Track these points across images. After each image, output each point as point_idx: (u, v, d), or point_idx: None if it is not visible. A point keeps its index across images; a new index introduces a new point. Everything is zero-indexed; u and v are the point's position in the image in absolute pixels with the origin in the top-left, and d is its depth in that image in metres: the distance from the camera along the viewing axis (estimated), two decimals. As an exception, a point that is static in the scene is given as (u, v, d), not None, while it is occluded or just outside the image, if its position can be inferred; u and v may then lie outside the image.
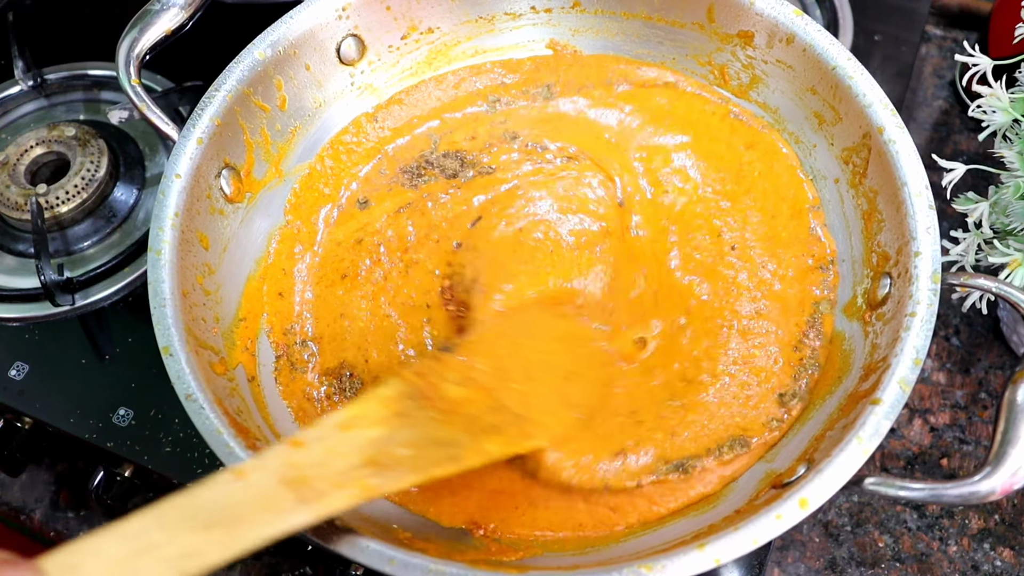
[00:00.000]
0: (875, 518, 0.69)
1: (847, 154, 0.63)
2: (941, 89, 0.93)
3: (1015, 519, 0.69)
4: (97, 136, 0.77)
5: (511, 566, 0.47)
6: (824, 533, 0.69)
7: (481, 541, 0.56)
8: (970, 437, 0.73)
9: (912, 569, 0.68)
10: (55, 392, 0.68)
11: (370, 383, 0.63)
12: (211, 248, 0.61)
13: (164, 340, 0.54)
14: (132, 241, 0.74)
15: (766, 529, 0.46)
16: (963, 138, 0.89)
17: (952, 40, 0.96)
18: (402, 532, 0.54)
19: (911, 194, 0.56)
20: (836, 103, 0.63)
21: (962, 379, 0.76)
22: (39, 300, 0.71)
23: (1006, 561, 0.68)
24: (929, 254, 0.54)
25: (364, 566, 0.46)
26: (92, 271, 0.73)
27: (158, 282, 0.56)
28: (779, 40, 0.65)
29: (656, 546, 0.51)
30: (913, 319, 0.52)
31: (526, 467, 0.57)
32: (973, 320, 0.78)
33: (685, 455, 0.57)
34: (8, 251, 0.75)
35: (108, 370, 0.69)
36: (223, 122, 0.62)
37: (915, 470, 0.72)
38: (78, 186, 0.74)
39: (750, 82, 0.69)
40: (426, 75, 0.74)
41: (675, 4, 0.69)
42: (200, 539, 0.39)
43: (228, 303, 0.62)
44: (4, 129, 0.83)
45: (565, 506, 0.57)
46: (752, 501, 0.52)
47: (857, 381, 0.55)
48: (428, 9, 0.71)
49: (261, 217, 0.67)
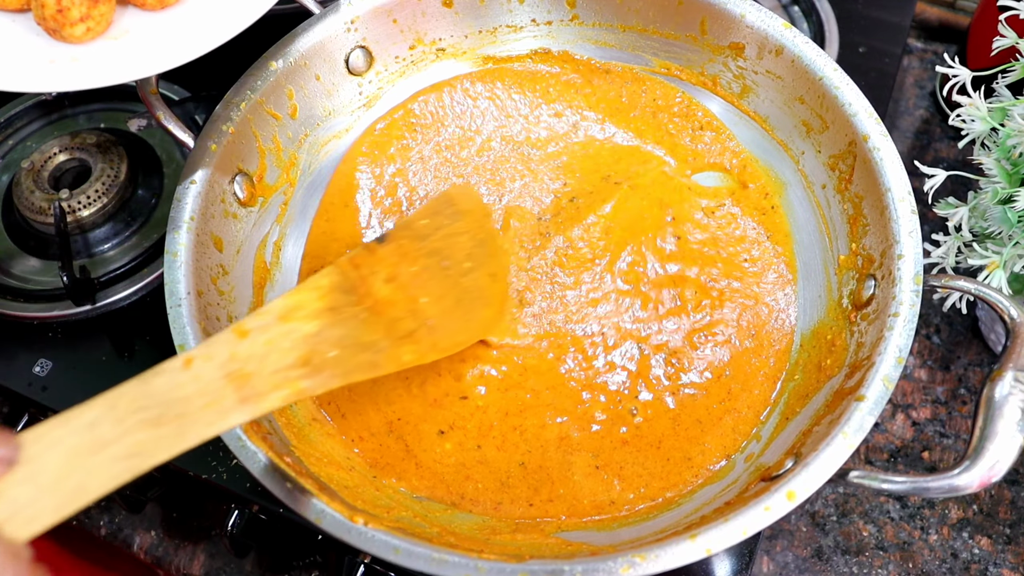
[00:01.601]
0: (859, 508, 0.69)
1: (834, 161, 0.62)
2: (922, 99, 0.92)
3: (992, 509, 0.69)
4: (117, 143, 0.77)
5: (511, 556, 0.47)
6: (811, 523, 0.69)
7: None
8: (950, 431, 0.73)
9: (895, 557, 0.67)
10: (77, 388, 0.68)
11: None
12: (225, 250, 0.61)
13: (180, 338, 0.53)
14: (150, 243, 0.74)
15: (755, 520, 0.46)
16: (943, 146, 0.89)
17: (932, 52, 0.96)
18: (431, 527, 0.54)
19: (895, 199, 0.56)
20: (823, 112, 0.62)
21: (943, 376, 0.75)
22: (62, 300, 0.71)
23: (983, 549, 0.67)
24: (912, 257, 0.54)
25: (370, 554, 0.46)
26: (112, 272, 0.73)
27: (174, 283, 0.55)
28: (769, 52, 0.65)
29: (649, 536, 0.51)
30: (896, 319, 0.52)
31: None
32: (953, 319, 0.78)
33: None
34: (33, 253, 0.75)
35: (127, 367, 0.69)
36: (237, 130, 0.62)
37: (898, 463, 0.71)
38: (99, 191, 0.74)
39: (741, 91, 0.69)
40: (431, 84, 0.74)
41: (669, 17, 0.68)
42: (149, 436, 0.39)
43: (241, 303, 0.62)
44: (29, 137, 0.83)
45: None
46: (742, 494, 0.52)
47: (843, 378, 0.55)
48: (433, 22, 0.71)
49: (273, 220, 0.66)
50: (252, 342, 0.44)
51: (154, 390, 0.40)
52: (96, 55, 0.54)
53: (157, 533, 0.69)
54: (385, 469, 0.59)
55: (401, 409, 0.61)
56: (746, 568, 0.61)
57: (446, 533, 0.53)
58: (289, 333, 0.46)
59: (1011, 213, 0.59)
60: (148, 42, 0.56)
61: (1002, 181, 0.60)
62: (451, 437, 0.60)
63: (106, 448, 0.38)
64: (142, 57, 0.54)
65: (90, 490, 0.37)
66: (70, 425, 0.38)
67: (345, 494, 0.52)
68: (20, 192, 0.75)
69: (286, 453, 0.52)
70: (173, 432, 0.39)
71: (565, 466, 0.59)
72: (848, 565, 0.67)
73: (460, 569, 0.45)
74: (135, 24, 0.57)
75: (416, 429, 0.60)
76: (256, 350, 0.44)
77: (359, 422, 0.61)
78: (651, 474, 0.59)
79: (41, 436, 0.37)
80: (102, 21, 0.54)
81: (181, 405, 0.40)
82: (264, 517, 0.65)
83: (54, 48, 0.54)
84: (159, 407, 0.40)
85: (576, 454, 0.59)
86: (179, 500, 0.70)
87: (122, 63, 0.53)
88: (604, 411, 0.61)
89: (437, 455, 0.60)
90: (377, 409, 0.61)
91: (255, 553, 0.68)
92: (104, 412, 0.38)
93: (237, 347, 0.44)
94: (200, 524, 0.69)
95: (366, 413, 0.61)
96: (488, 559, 0.46)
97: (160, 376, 0.41)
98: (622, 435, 0.60)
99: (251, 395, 0.43)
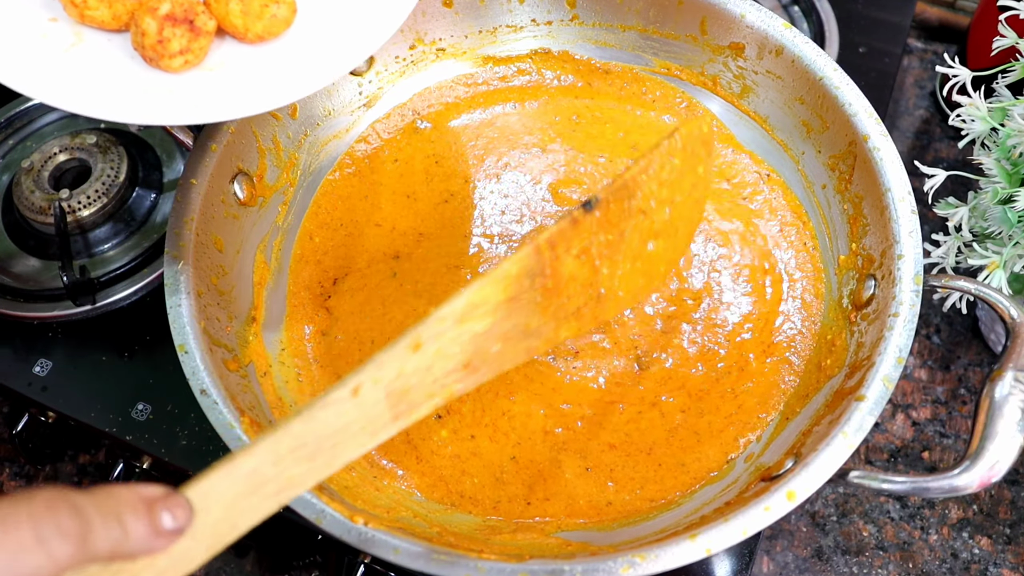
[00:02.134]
0: (860, 508, 0.69)
1: (834, 161, 0.62)
2: (922, 99, 0.92)
3: (992, 509, 0.69)
4: (117, 143, 0.77)
5: (511, 556, 0.47)
6: (811, 523, 0.69)
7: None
8: (950, 431, 0.73)
9: (895, 557, 0.67)
10: (77, 388, 0.68)
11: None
12: (225, 250, 0.61)
13: (180, 338, 0.53)
14: (150, 243, 0.74)
15: (755, 520, 0.46)
16: (943, 146, 0.89)
17: (932, 52, 0.96)
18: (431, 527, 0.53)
19: (895, 199, 0.56)
20: (823, 112, 0.62)
21: (943, 376, 0.75)
22: (62, 300, 0.71)
23: (984, 549, 0.67)
24: (912, 257, 0.54)
25: (370, 554, 0.46)
26: (112, 272, 0.73)
27: (174, 283, 0.55)
28: (769, 52, 0.65)
29: (649, 535, 0.51)
30: (896, 319, 0.52)
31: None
32: (953, 319, 0.78)
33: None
34: (33, 253, 0.75)
35: (127, 367, 0.69)
36: (237, 130, 0.62)
37: (898, 463, 0.71)
38: (99, 191, 0.74)
39: (741, 92, 0.69)
40: (431, 84, 0.74)
41: (669, 17, 0.68)
42: (304, 469, 0.37)
43: (241, 303, 0.62)
44: (29, 137, 0.83)
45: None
46: (742, 494, 0.52)
47: (843, 378, 0.55)
48: (433, 23, 0.71)
49: (273, 220, 0.66)
50: (423, 354, 0.39)
51: (318, 426, 0.37)
52: (192, 88, 0.51)
53: (157, 533, 0.69)
54: (388, 467, 0.59)
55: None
56: (746, 568, 0.61)
57: (446, 533, 0.53)
58: (460, 336, 0.40)
59: (1011, 213, 0.59)
60: (246, 77, 0.53)
61: (1002, 181, 0.60)
62: (447, 423, 0.60)
63: (262, 488, 0.36)
64: (240, 94, 0.52)
65: (240, 527, 0.36)
66: (233, 476, 0.36)
67: (345, 494, 0.52)
68: (20, 192, 0.74)
69: None
70: (325, 462, 0.37)
71: (555, 464, 0.59)
72: (848, 565, 0.67)
73: (460, 569, 0.45)
74: (231, 56, 0.54)
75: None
76: (424, 362, 0.39)
77: None
78: (644, 478, 0.59)
79: (206, 493, 0.35)
80: (200, 54, 0.52)
81: (340, 435, 0.37)
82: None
83: (149, 75, 0.51)
84: (319, 440, 0.37)
85: (564, 453, 0.59)
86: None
87: (219, 100, 0.51)
88: (591, 409, 0.61)
89: (434, 444, 0.60)
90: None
91: (255, 553, 0.68)
92: (266, 456, 0.36)
93: (407, 363, 0.38)
94: (200, 524, 0.69)
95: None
96: (488, 559, 0.46)
97: (327, 409, 0.37)
98: (609, 440, 0.60)
99: (405, 410, 0.39)
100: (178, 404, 0.66)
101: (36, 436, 0.69)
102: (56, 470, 0.72)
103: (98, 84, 0.50)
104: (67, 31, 0.51)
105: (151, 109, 0.49)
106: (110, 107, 0.48)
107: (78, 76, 0.50)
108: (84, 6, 0.50)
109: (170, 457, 0.64)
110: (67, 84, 0.49)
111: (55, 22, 0.52)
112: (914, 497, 0.69)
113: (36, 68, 0.49)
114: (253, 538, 0.64)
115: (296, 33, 0.55)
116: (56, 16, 0.52)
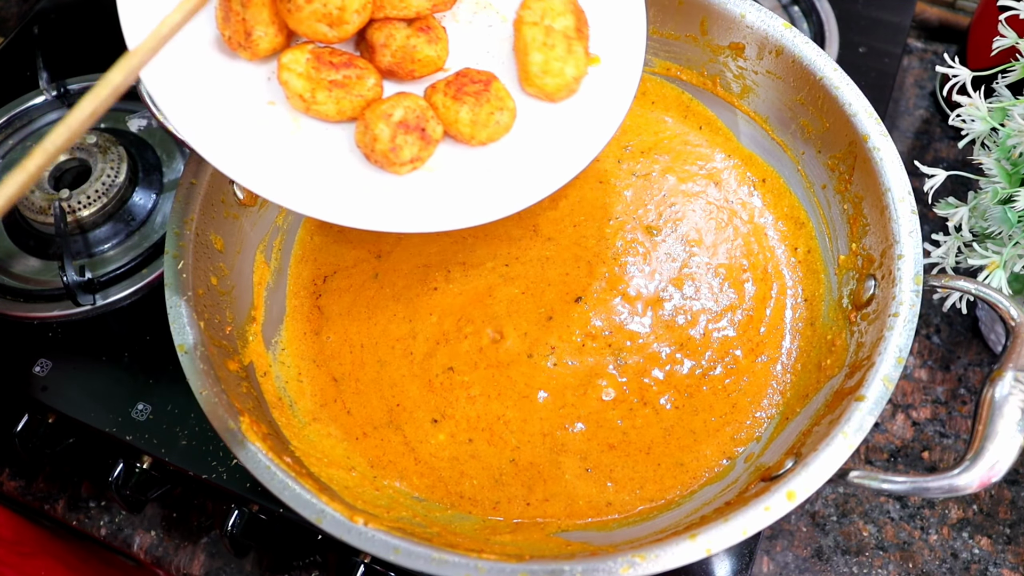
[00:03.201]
0: (860, 508, 0.69)
1: (834, 161, 0.62)
2: (922, 99, 0.92)
3: (992, 509, 0.69)
4: (117, 143, 0.77)
5: (511, 556, 0.47)
6: (811, 523, 0.69)
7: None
8: (950, 431, 0.73)
9: (895, 557, 0.67)
10: (77, 388, 0.68)
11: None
12: (225, 250, 0.61)
13: (179, 338, 0.53)
14: (150, 244, 0.74)
15: (755, 520, 0.46)
16: (943, 146, 0.89)
17: (932, 53, 0.96)
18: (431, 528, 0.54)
19: (895, 199, 0.56)
20: (823, 112, 0.62)
21: (943, 376, 0.75)
22: (62, 300, 0.71)
23: (983, 549, 0.67)
24: (912, 257, 0.54)
25: (370, 554, 0.46)
26: (112, 272, 0.73)
27: (174, 283, 0.55)
28: (768, 52, 0.65)
29: (649, 536, 0.51)
30: (896, 319, 0.52)
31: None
32: (953, 319, 0.78)
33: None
34: (33, 253, 0.75)
35: (127, 367, 0.69)
36: (237, 130, 0.62)
37: (898, 463, 0.71)
38: (99, 191, 0.74)
39: (741, 92, 0.69)
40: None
41: (669, 16, 0.68)
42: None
43: (241, 303, 0.62)
44: (30, 137, 0.83)
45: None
46: (742, 494, 0.52)
47: (843, 378, 0.54)
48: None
49: (273, 220, 0.66)
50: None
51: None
52: (418, 193, 0.50)
53: (157, 533, 0.69)
54: (387, 468, 0.59)
55: (401, 393, 0.62)
56: (746, 568, 0.61)
57: (446, 533, 0.53)
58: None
59: (1011, 213, 0.59)
60: (469, 183, 0.52)
61: (1002, 181, 0.60)
62: (444, 427, 0.60)
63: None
64: (464, 202, 0.51)
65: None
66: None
67: (345, 494, 0.52)
68: (20, 192, 0.74)
69: (286, 453, 0.52)
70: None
71: (554, 465, 0.59)
72: (848, 565, 0.67)
73: (460, 569, 0.45)
74: (450, 157, 0.53)
75: (412, 417, 0.61)
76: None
77: (363, 416, 0.61)
78: (643, 478, 0.59)
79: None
80: (427, 160, 0.51)
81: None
82: (264, 517, 0.65)
83: (371, 175, 0.50)
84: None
85: (564, 455, 0.59)
86: (179, 500, 0.70)
87: (445, 207, 0.50)
88: (588, 413, 0.61)
89: (432, 447, 0.60)
90: (381, 396, 0.62)
91: (255, 553, 0.68)
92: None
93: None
94: (200, 524, 0.69)
95: (371, 404, 0.61)
96: (488, 559, 0.46)
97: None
98: (608, 440, 0.60)
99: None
100: (178, 404, 0.66)
101: (36, 436, 0.69)
102: (56, 470, 0.72)
103: (320, 181, 0.49)
104: (286, 117, 0.50)
105: (379, 215, 0.49)
106: (335, 209, 0.48)
107: (299, 170, 0.49)
108: (312, 100, 0.49)
109: (170, 457, 0.64)
110: (288, 178, 0.48)
111: (273, 106, 0.50)
112: (914, 497, 0.69)
113: (256, 158, 0.48)
114: (253, 538, 0.65)
115: (514, 137, 0.54)
116: (275, 100, 0.50)
